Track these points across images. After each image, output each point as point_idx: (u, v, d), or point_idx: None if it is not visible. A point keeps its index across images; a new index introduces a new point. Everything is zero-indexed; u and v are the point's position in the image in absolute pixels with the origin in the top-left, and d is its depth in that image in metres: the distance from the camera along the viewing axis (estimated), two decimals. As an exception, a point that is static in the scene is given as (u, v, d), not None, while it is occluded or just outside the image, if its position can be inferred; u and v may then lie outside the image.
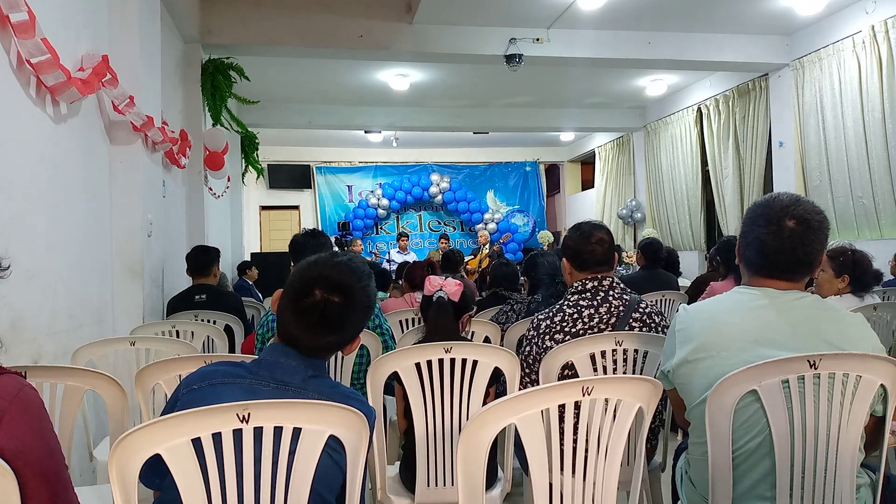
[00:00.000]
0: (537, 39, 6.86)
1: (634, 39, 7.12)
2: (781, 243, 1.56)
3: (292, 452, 1.21)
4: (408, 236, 11.09)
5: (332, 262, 1.40)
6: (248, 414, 1.16)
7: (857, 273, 3.06)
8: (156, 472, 1.23)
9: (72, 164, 3.16)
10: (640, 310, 2.25)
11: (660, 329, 2.24)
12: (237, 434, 1.17)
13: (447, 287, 2.28)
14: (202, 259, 4.19)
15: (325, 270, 1.37)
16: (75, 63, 3.14)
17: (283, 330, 1.39)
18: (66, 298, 3.01)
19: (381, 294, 5.09)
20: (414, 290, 4.24)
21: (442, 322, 2.25)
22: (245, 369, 1.36)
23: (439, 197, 13.18)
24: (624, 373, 2.11)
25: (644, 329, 2.22)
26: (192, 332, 3.18)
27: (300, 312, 1.35)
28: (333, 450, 1.26)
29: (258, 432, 1.19)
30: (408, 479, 2.15)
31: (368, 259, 9.57)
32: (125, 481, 1.12)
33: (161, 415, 1.20)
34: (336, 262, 1.40)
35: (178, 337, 3.12)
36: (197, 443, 1.15)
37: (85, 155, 3.33)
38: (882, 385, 1.52)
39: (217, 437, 1.16)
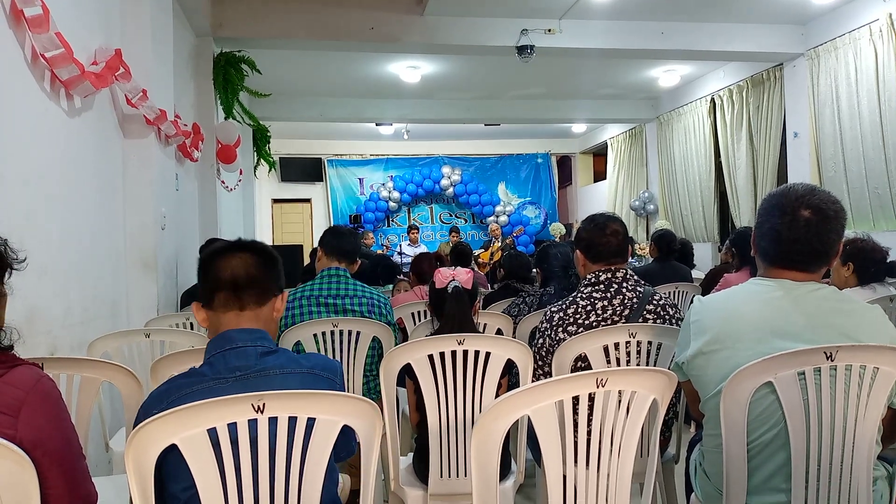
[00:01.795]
0: (549, 30, 6.81)
1: (647, 30, 7.06)
2: (797, 233, 1.55)
3: (306, 442, 1.22)
4: (418, 229, 11.08)
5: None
6: (263, 404, 1.17)
7: (860, 261, 3.02)
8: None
9: (86, 158, 3.18)
10: (654, 302, 2.24)
11: (674, 321, 2.23)
12: (252, 424, 1.18)
13: (458, 276, 2.29)
14: (215, 252, 4.20)
15: (227, 242, 1.52)
16: (89, 57, 3.15)
17: (221, 277, 1.43)
18: (80, 291, 3.03)
19: (389, 286, 5.09)
20: (422, 282, 4.24)
21: (460, 311, 2.26)
22: (196, 374, 1.36)
23: (450, 189, 13.14)
24: (637, 365, 2.10)
25: (658, 321, 2.21)
26: (206, 325, 3.19)
27: (223, 255, 1.45)
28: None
29: (273, 422, 1.19)
30: (421, 470, 2.16)
31: (379, 251, 9.57)
32: (141, 471, 1.13)
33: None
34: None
35: (192, 329, 3.14)
36: (212, 434, 1.16)
37: (98, 148, 3.35)
38: (900, 377, 1.50)
39: (232, 428, 1.17)
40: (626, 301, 2.22)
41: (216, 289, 1.43)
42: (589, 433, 1.44)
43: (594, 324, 2.19)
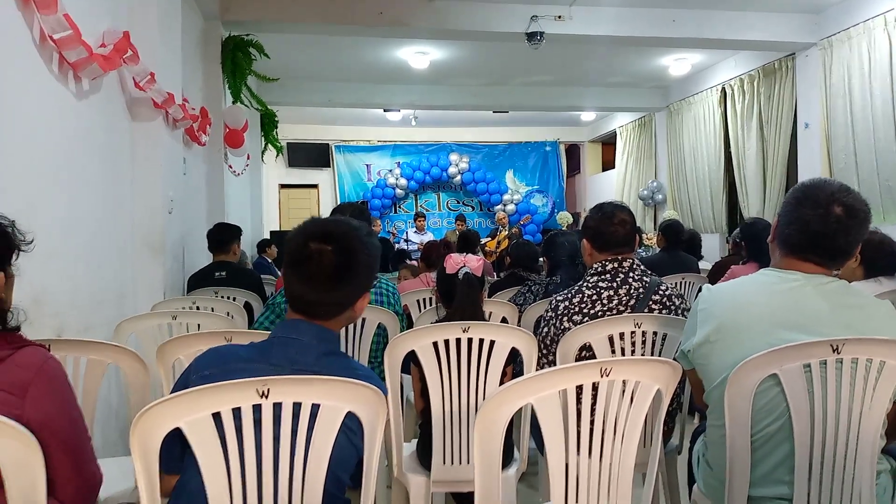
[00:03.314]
0: (559, 17, 6.75)
1: (658, 17, 6.98)
2: (827, 227, 1.55)
3: (311, 428, 1.22)
4: (425, 216, 11.06)
5: (323, 219, 1.45)
6: (268, 389, 1.17)
7: (868, 252, 3.00)
8: (172, 456, 1.24)
9: (93, 140, 3.18)
10: (660, 292, 2.23)
11: (679, 312, 2.22)
12: (257, 409, 1.18)
13: (469, 263, 2.27)
14: (223, 236, 4.23)
15: (317, 226, 1.40)
16: (96, 40, 3.14)
17: (289, 292, 1.40)
18: (87, 274, 3.05)
19: (395, 272, 5.09)
20: (430, 269, 4.23)
21: (470, 299, 2.25)
22: (257, 350, 1.36)
23: (458, 177, 13.09)
24: (642, 355, 2.10)
25: (664, 311, 2.20)
26: (213, 309, 3.21)
27: (297, 265, 1.37)
28: (349, 429, 1.27)
29: (277, 408, 1.20)
30: (424, 457, 2.17)
31: (384, 238, 9.57)
32: (146, 453, 1.14)
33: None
34: (327, 218, 1.45)
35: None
36: (217, 418, 1.17)
37: (106, 131, 3.35)
38: (906, 371, 1.49)
39: (237, 412, 1.17)
40: (632, 291, 2.21)
41: (297, 269, 1.37)
42: (592, 423, 1.44)
43: (599, 313, 2.19)
